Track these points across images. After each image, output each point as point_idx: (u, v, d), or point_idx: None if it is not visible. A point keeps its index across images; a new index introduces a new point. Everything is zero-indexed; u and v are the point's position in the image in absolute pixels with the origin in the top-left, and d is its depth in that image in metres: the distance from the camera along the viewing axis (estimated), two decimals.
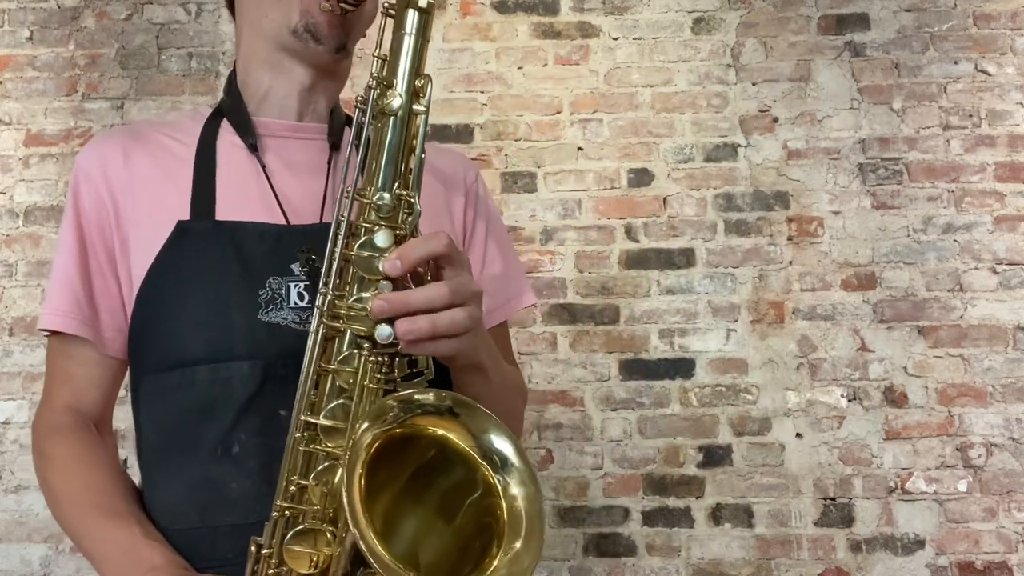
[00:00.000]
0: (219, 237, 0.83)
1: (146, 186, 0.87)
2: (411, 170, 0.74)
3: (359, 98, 0.75)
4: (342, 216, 0.72)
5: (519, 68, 2.31)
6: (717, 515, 2.12)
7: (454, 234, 0.91)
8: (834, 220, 2.23)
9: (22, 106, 2.34)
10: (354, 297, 0.70)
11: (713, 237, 2.24)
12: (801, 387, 2.16)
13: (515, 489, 0.66)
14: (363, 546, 0.57)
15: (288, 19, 0.86)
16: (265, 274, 0.81)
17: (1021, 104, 2.25)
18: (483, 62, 2.33)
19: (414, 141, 0.74)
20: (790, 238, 2.23)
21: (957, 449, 2.11)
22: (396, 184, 0.72)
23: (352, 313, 0.70)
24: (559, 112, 2.30)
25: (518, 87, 2.31)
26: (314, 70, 0.90)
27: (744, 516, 2.11)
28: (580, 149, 2.29)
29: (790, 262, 2.22)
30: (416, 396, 0.69)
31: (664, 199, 2.26)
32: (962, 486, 2.09)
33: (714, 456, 2.14)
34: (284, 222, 0.84)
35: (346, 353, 0.70)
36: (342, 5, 0.82)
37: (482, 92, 2.31)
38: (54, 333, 0.87)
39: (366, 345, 0.69)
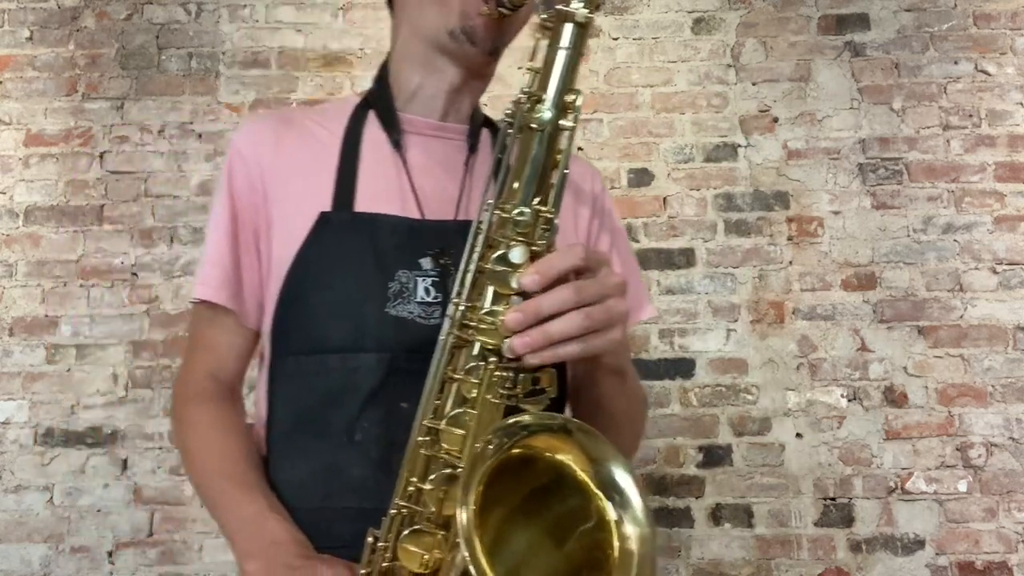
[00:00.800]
0: (356, 229, 0.85)
1: (294, 172, 0.90)
2: (553, 185, 0.72)
3: (507, 112, 0.75)
4: (480, 227, 0.73)
5: (519, 68, 2.31)
6: (717, 515, 2.12)
7: (576, 238, 0.94)
8: (834, 220, 2.23)
9: (22, 106, 2.34)
10: (485, 309, 0.70)
11: (713, 237, 2.24)
12: (801, 387, 2.16)
13: (629, 527, 0.65)
14: (470, 561, 0.58)
15: (446, 21, 0.88)
16: (395, 267, 0.83)
17: (1021, 104, 2.25)
18: None
19: (559, 156, 0.72)
20: (790, 238, 2.23)
21: (957, 449, 2.11)
22: (537, 199, 0.71)
23: (483, 325, 0.69)
24: None
25: (519, 87, 2.30)
26: (465, 71, 0.92)
27: (744, 516, 2.11)
28: (580, 149, 2.29)
29: (790, 262, 2.22)
30: (538, 418, 0.68)
31: (664, 199, 2.26)
32: (962, 486, 2.09)
33: (714, 456, 2.14)
34: (419, 216, 0.86)
35: (472, 364, 0.70)
36: (500, 9, 0.83)
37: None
38: (202, 302, 0.92)
39: (492, 359, 0.69)
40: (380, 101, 0.94)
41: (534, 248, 0.70)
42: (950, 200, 2.22)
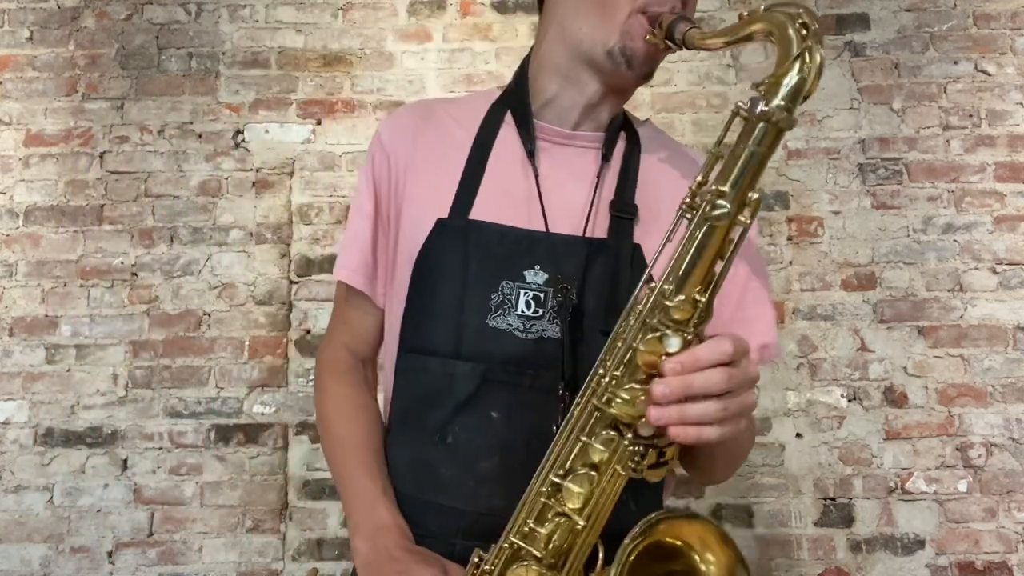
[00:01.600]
0: (468, 237, 0.87)
1: (424, 170, 0.93)
2: (715, 276, 0.72)
3: (686, 199, 0.74)
4: (637, 304, 0.72)
5: None
6: (717, 515, 2.12)
7: None
8: (834, 220, 2.23)
9: (22, 106, 2.34)
10: (627, 386, 0.71)
11: None
12: (801, 387, 2.16)
13: None
14: None
15: (607, 38, 0.87)
16: (500, 277, 0.85)
17: (1021, 104, 2.25)
18: (483, 62, 2.33)
19: (728, 248, 0.71)
20: (790, 238, 2.23)
21: (957, 449, 2.11)
22: (697, 289, 0.71)
23: (619, 397, 0.71)
24: None
25: None
26: (607, 88, 0.92)
27: (744, 516, 2.11)
28: None
29: (790, 262, 2.22)
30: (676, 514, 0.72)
31: None
32: (962, 486, 2.09)
33: None
34: (543, 229, 0.86)
35: (605, 432, 0.72)
36: (667, 41, 0.83)
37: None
38: (341, 282, 0.99)
39: (629, 434, 0.71)
40: (518, 105, 0.95)
41: (686, 337, 0.70)
42: (950, 200, 2.22)
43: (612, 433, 0.71)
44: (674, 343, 0.69)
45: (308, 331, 2.22)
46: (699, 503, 2.12)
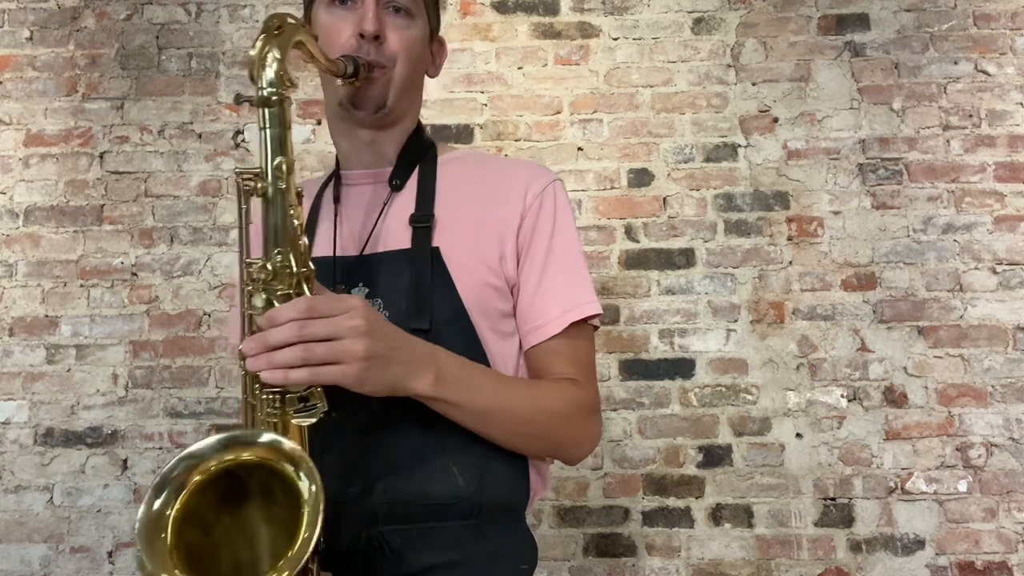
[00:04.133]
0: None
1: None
2: (298, 236, 0.85)
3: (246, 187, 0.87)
4: (244, 279, 0.85)
5: (519, 68, 2.31)
6: (717, 515, 2.12)
7: (500, 249, 1.00)
8: (834, 220, 2.23)
9: (22, 106, 2.34)
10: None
11: (713, 237, 2.24)
12: (801, 387, 2.16)
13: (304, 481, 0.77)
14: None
15: (337, 93, 1.02)
16: None
17: (1021, 104, 2.25)
18: (483, 62, 2.33)
19: (291, 211, 0.85)
20: (790, 238, 2.23)
21: (957, 449, 2.11)
22: (279, 254, 0.83)
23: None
24: (559, 112, 2.30)
25: (518, 87, 2.31)
26: (368, 128, 1.05)
27: (744, 516, 2.11)
28: (580, 149, 2.29)
29: (790, 262, 2.22)
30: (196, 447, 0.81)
31: (664, 199, 2.26)
32: (962, 486, 2.09)
33: (714, 456, 2.14)
34: (334, 254, 1.02)
35: (254, 391, 0.83)
36: (349, 81, 0.96)
37: (482, 92, 2.31)
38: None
39: (256, 384, 0.82)
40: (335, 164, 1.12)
41: (278, 294, 0.83)
42: (950, 200, 2.22)
43: (254, 388, 0.83)
44: (257, 300, 0.82)
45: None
46: (699, 503, 2.12)
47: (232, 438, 0.80)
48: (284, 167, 0.83)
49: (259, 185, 0.84)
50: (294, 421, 0.81)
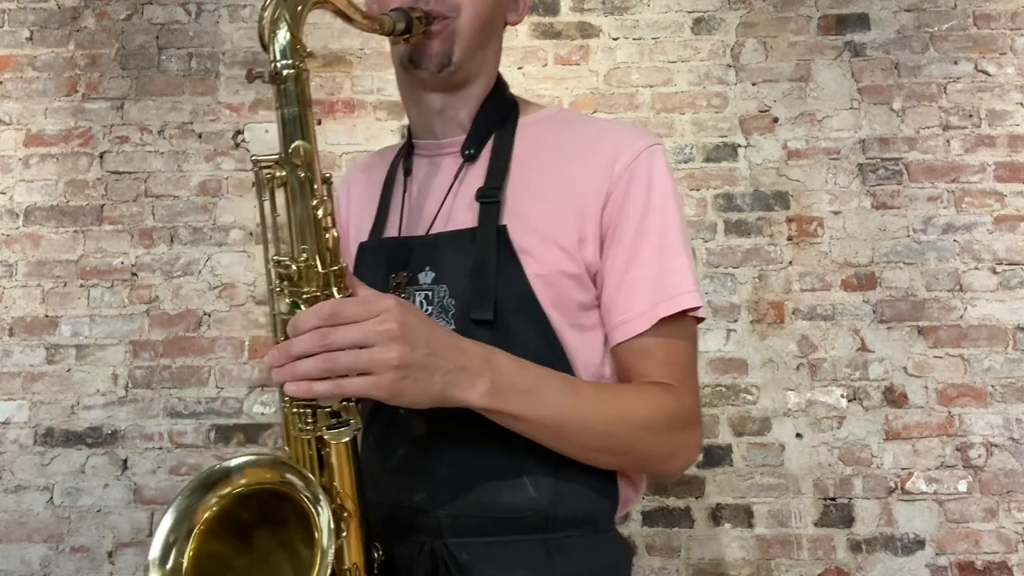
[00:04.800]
0: (375, 253, 0.97)
1: (357, 208, 1.05)
2: (326, 233, 0.76)
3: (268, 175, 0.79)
4: (271, 279, 0.78)
5: (519, 68, 2.31)
6: (717, 515, 2.12)
7: (580, 230, 0.87)
8: (834, 220, 2.23)
9: (22, 106, 2.34)
10: None
11: (713, 237, 2.24)
12: (801, 387, 2.16)
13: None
14: None
15: (399, 53, 0.92)
16: (405, 284, 0.91)
17: (1021, 104, 2.25)
18: None
19: (314, 201, 0.75)
20: (790, 238, 2.23)
21: (957, 449, 2.11)
22: (304, 249, 0.75)
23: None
24: None
25: (518, 87, 2.29)
26: (436, 92, 0.94)
27: (744, 516, 2.11)
28: None
29: (790, 262, 2.22)
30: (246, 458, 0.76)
31: None
32: (962, 486, 2.09)
33: (714, 456, 2.14)
34: (397, 235, 0.95)
35: (284, 404, 0.77)
36: (403, 38, 0.85)
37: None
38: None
39: (286, 398, 0.74)
40: (406, 134, 1.04)
41: (305, 297, 0.75)
42: (950, 200, 2.22)
43: (284, 402, 0.75)
44: (282, 307, 0.75)
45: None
46: (699, 503, 2.12)
47: (207, 475, 0.74)
48: (302, 152, 0.73)
49: (278, 174, 0.74)
50: (326, 438, 0.74)
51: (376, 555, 0.81)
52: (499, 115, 0.96)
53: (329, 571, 0.68)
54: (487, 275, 0.85)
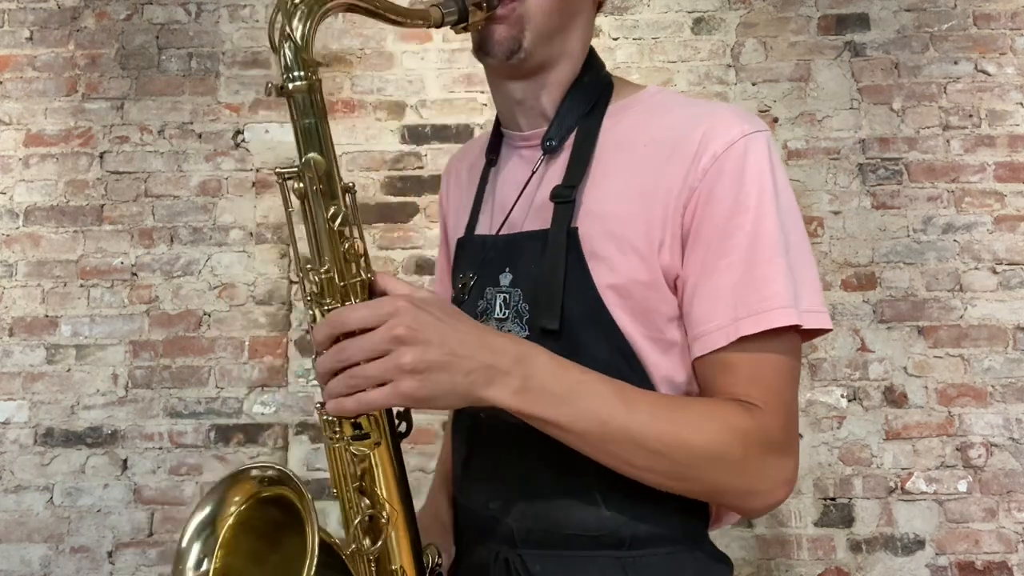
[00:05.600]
0: (468, 250, 0.95)
1: (457, 198, 1.04)
2: (349, 241, 0.72)
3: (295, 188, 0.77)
4: (308, 297, 0.74)
5: None
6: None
7: (661, 232, 0.78)
8: (834, 220, 2.23)
9: (22, 106, 2.34)
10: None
11: None
12: (801, 387, 2.16)
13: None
14: None
15: (473, 40, 0.86)
16: (485, 284, 0.89)
17: (1021, 104, 2.25)
18: None
19: (329, 212, 0.72)
20: None
21: (957, 449, 2.11)
22: (327, 260, 0.72)
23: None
24: None
25: None
26: (513, 80, 0.88)
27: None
28: None
29: None
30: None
31: None
32: (962, 486, 2.09)
33: None
34: (491, 232, 0.91)
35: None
36: (461, 27, 0.80)
37: (482, 92, 2.31)
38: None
39: (317, 405, 0.73)
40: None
41: (327, 310, 0.72)
42: (950, 200, 2.22)
43: (317, 408, 0.74)
44: (314, 321, 0.73)
45: (308, 331, 2.22)
46: None
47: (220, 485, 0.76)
48: (313, 164, 0.70)
49: (296, 185, 0.71)
50: (351, 450, 0.72)
51: (432, 560, 0.79)
52: (586, 102, 0.87)
53: (315, 560, 0.68)
54: (555, 282, 0.79)
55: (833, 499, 2.10)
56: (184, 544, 0.75)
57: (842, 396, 2.15)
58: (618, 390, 0.73)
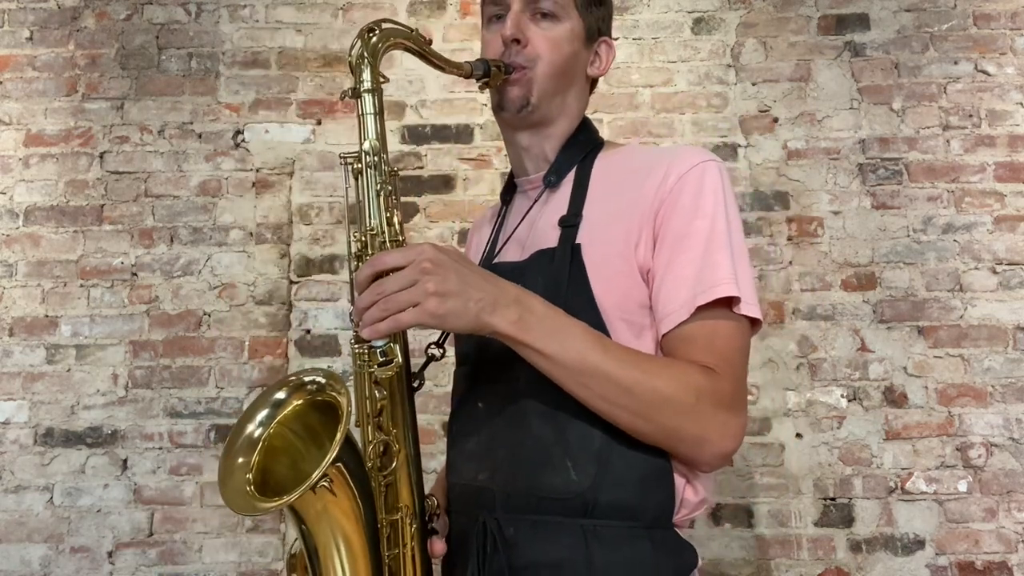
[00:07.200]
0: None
1: (480, 235, 1.26)
2: (393, 206, 0.96)
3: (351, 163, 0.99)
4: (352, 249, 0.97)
5: None
6: (717, 515, 2.12)
7: (637, 236, 0.97)
8: (834, 220, 2.23)
9: (22, 106, 2.34)
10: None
11: None
12: (801, 387, 2.16)
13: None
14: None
15: (493, 102, 1.09)
16: None
17: (1021, 104, 2.25)
18: None
19: (378, 187, 0.95)
20: (790, 238, 2.23)
21: (957, 449, 2.11)
22: (376, 223, 0.94)
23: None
24: None
25: None
26: (521, 131, 1.10)
27: (744, 516, 2.11)
28: None
29: (790, 262, 2.22)
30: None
31: None
32: (962, 486, 2.09)
33: None
34: (501, 260, 1.09)
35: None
36: (483, 82, 1.03)
37: (482, 92, 2.31)
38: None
39: (352, 340, 0.91)
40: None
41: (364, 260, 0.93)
42: (950, 200, 2.22)
43: (351, 343, 0.92)
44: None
45: (308, 331, 2.22)
46: None
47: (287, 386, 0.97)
48: (371, 148, 0.95)
49: (355, 165, 0.95)
50: (376, 372, 0.89)
51: (431, 508, 0.94)
52: (581, 151, 1.09)
53: (343, 438, 0.84)
54: (557, 289, 0.96)
55: (833, 499, 2.10)
56: (251, 411, 1.02)
57: (842, 396, 2.15)
58: (598, 336, 0.89)
